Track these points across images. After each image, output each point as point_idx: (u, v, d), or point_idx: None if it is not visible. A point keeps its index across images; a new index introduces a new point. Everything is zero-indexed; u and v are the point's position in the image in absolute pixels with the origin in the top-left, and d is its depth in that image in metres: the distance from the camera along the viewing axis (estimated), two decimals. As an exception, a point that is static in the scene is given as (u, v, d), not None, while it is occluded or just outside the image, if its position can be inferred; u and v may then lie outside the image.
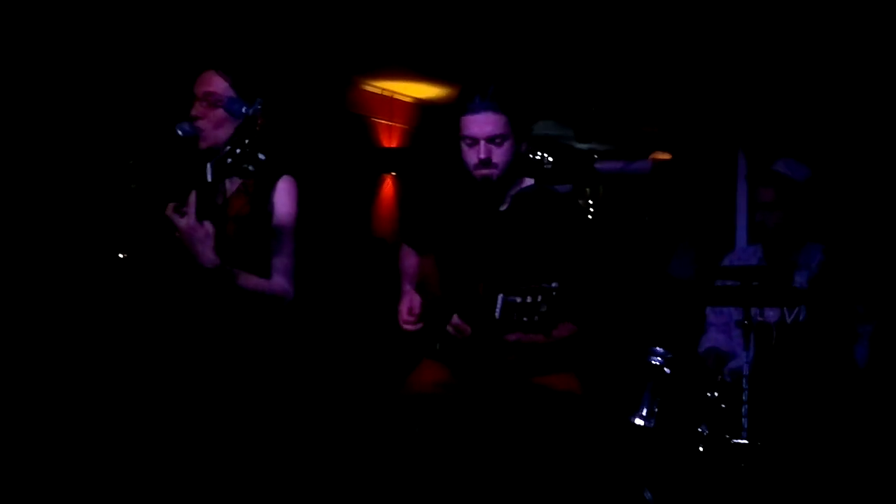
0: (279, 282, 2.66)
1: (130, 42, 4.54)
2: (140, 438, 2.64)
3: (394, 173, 7.28)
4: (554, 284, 2.31)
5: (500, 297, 2.39)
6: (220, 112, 2.64)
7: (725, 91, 6.23)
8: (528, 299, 2.33)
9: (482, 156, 2.62)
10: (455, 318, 2.53)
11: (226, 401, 2.57)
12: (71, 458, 3.14)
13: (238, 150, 2.46)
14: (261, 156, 2.46)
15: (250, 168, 2.47)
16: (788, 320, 3.34)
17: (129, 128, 4.25)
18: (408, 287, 2.85)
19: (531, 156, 2.76)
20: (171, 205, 2.46)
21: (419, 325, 2.67)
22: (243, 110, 2.59)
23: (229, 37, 5.04)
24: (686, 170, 6.93)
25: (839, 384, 3.21)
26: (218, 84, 2.66)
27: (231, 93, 2.65)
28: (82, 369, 3.56)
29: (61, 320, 3.83)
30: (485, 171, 2.64)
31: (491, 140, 2.62)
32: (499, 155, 2.63)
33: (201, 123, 2.65)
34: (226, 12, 4.69)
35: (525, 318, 2.34)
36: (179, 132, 2.62)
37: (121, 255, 2.96)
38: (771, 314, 3.38)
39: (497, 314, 2.39)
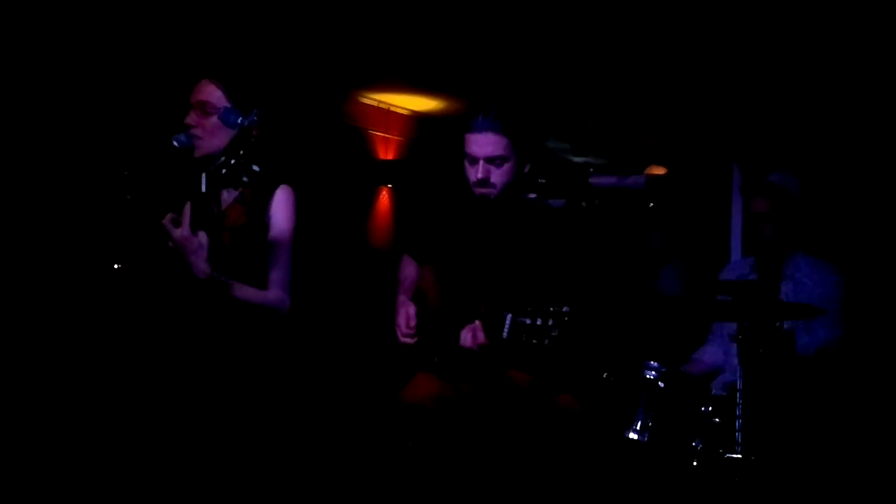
0: (275, 293, 2.65)
1: (127, 52, 4.54)
2: (135, 449, 2.63)
3: (390, 185, 7.29)
4: (566, 308, 2.29)
5: (509, 317, 2.36)
6: (214, 121, 2.64)
7: (719, 104, 6.24)
8: (539, 321, 2.31)
9: (480, 175, 2.62)
10: (474, 329, 2.50)
11: (220, 411, 2.57)
12: (62, 468, 3.12)
13: (233, 161, 2.46)
14: (255, 167, 2.46)
15: (245, 179, 2.47)
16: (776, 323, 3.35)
17: (125, 138, 4.25)
18: (403, 298, 2.85)
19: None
20: (168, 215, 2.46)
21: (413, 340, 2.67)
22: (239, 121, 2.59)
23: (227, 47, 5.05)
24: (680, 183, 6.93)
25: (832, 395, 3.21)
26: (212, 93, 2.66)
27: (226, 102, 2.65)
28: (77, 379, 3.55)
29: (56, 330, 3.82)
30: (483, 191, 2.65)
31: (490, 160, 2.61)
32: (497, 175, 2.63)
33: (195, 132, 2.64)
34: (223, 22, 4.70)
35: (534, 341, 2.32)
36: (175, 143, 2.62)
37: (115, 266, 2.96)
38: None
39: (505, 334, 2.37)
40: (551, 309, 2.29)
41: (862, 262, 4.16)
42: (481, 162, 2.62)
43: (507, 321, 2.35)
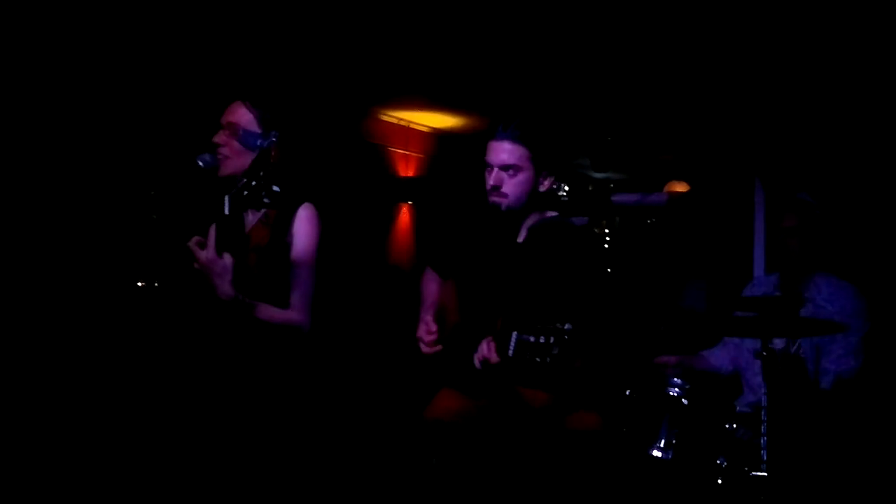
0: (297, 313, 2.67)
1: (153, 74, 4.60)
2: (157, 466, 2.65)
3: (410, 203, 7.30)
4: (567, 326, 2.31)
5: (515, 335, 2.38)
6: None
7: (741, 120, 6.23)
8: (542, 339, 2.33)
9: (492, 182, 2.67)
10: (484, 348, 2.52)
11: (243, 429, 2.58)
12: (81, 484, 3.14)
13: (253, 183, 2.49)
14: (275, 188, 2.49)
15: (266, 200, 2.50)
16: (792, 350, 3.34)
17: (151, 159, 4.29)
18: (426, 316, 2.85)
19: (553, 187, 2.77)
20: (194, 238, 2.49)
21: (438, 347, 2.67)
22: (258, 143, 2.62)
23: (249, 69, 5.09)
24: (703, 200, 6.92)
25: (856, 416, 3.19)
26: (243, 116, 2.69)
27: (256, 127, 2.68)
28: (100, 393, 3.57)
29: (80, 345, 3.85)
30: (494, 198, 2.69)
31: (504, 168, 2.65)
32: (510, 185, 2.66)
33: (222, 151, 2.68)
34: (246, 43, 4.75)
35: (538, 359, 2.34)
36: (200, 163, 2.65)
37: (139, 284, 2.99)
38: (778, 342, 3.37)
39: (510, 352, 2.39)
40: (553, 326, 2.31)
41: (883, 279, 4.14)
42: (495, 169, 2.67)
43: (513, 339, 2.38)
